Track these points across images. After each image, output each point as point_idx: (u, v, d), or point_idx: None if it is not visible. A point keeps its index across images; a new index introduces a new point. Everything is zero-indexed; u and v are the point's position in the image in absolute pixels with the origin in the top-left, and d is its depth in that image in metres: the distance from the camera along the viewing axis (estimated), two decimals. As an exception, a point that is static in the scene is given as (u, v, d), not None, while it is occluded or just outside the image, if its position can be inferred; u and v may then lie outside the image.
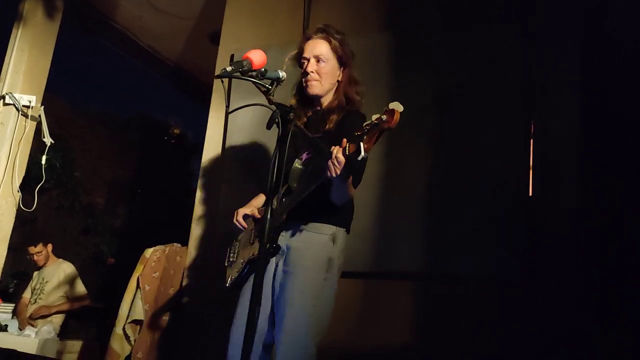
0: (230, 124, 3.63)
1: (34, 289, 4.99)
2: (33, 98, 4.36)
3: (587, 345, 2.37)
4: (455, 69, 2.98)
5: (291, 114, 1.70)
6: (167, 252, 3.79)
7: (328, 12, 3.57)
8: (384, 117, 1.54)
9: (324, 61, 2.15)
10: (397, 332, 2.80)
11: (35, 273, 5.11)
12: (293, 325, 1.94)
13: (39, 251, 4.97)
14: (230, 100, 3.56)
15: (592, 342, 2.36)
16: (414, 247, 2.85)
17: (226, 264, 2.24)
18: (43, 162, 4.45)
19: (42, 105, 4.47)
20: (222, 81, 1.79)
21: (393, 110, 1.53)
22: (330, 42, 2.17)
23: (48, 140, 4.40)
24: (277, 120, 1.70)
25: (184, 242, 3.72)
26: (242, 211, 2.19)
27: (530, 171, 2.75)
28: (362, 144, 1.58)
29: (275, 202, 1.68)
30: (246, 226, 2.18)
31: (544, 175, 2.71)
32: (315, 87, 2.15)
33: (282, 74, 1.82)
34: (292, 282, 1.99)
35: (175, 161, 7.97)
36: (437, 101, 2.88)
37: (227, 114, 3.62)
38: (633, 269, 2.38)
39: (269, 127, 1.72)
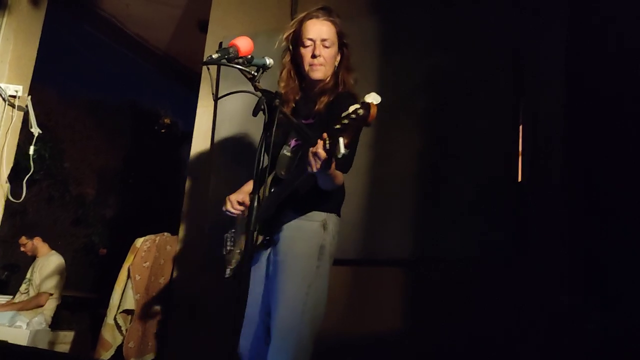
0: (219, 112, 3.61)
1: (27, 280, 5.00)
2: (20, 88, 4.30)
3: (573, 325, 2.40)
4: (444, 53, 2.97)
5: (277, 101, 1.69)
6: (157, 241, 3.78)
7: (316, -1, 3.54)
8: (361, 111, 1.47)
9: (328, 46, 2.06)
10: (386, 318, 2.82)
11: (33, 263, 5.14)
12: (286, 314, 1.91)
13: (24, 243, 5.00)
14: (219, 89, 3.55)
15: (578, 323, 2.39)
16: (403, 232, 2.86)
17: (224, 253, 2.17)
18: (31, 152, 4.41)
19: (29, 95, 4.42)
20: (209, 68, 1.78)
21: (369, 104, 1.46)
22: (335, 26, 2.09)
23: (36, 130, 4.36)
24: (263, 107, 1.68)
25: (174, 232, 3.72)
26: (234, 197, 2.11)
27: (520, 156, 2.76)
28: (341, 139, 1.52)
29: (262, 191, 1.68)
30: (238, 212, 2.11)
31: (533, 160, 2.72)
32: (321, 71, 2.06)
33: (268, 61, 1.81)
34: (283, 271, 1.96)
35: (165, 150, 7.93)
36: (425, 85, 2.86)
37: (215, 101, 3.60)
38: (617, 251, 2.40)
39: (254, 114, 1.71)
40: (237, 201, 2.10)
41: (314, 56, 2.04)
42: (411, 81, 2.97)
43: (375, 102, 1.46)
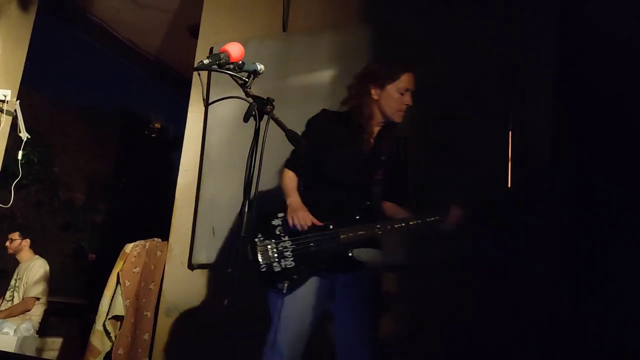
0: (210, 117, 3.60)
1: (12, 287, 4.94)
2: (8, 92, 4.28)
3: (565, 328, 2.41)
4: (433, 60, 2.98)
5: (268, 107, 1.70)
6: (147, 247, 3.77)
7: (307, 5, 3.56)
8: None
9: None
10: (385, 322, 2.81)
11: (16, 269, 5.07)
12: None
13: (14, 239, 4.94)
14: (210, 94, 3.55)
15: (570, 326, 2.41)
16: (394, 239, 2.86)
17: (268, 268, 2.11)
18: (19, 157, 4.38)
19: (18, 99, 4.39)
20: (200, 74, 1.78)
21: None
22: None
23: (24, 135, 4.33)
24: (254, 112, 1.69)
25: (165, 237, 3.70)
26: (308, 216, 2.10)
27: (509, 163, 2.77)
28: None
29: (252, 194, 1.67)
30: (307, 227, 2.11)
31: (523, 167, 2.73)
32: (402, 118, 2.27)
33: (259, 67, 1.81)
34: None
35: (156, 155, 7.90)
36: (415, 93, 2.89)
37: (206, 106, 3.59)
38: (609, 255, 2.42)
39: (245, 119, 1.71)
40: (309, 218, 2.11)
41: (407, 105, 2.24)
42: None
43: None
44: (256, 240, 2.15)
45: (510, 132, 2.79)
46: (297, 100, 3.24)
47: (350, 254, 2.10)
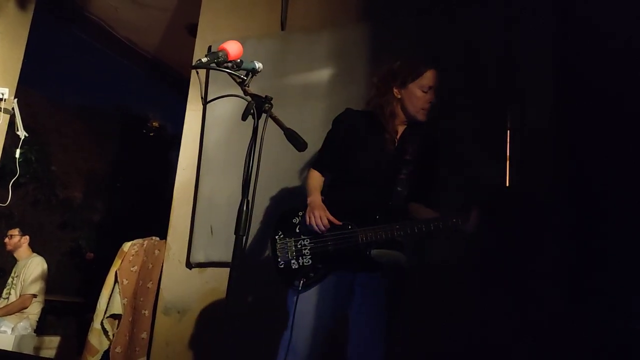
0: (208, 116, 3.60)
1: (9, 284, 4.93)
2: (6, 91, 4.28)
3: (559, 325, 2.42)
4: (432, 58, 2.97)
5: (267, 105, 1.69)
6: (145, 245, 3.76)
7: (306, 4, 3.56)
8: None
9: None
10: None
11: (14, 267, 5.07)
12: None
13: (13, 234, 4.94)
14: (208, 92, 3.54)
15: (564, 323, 2.41)
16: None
17: (285, 265, 2.16)
18: (17, 155, 4.38)
19: (15, 98, 4.38)
20: (198, 72, 1.78)
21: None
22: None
23: (22, 133, 4.33)
24: (252, 111, 1.69)
25: (163, 236, 3.70)
26: (324, 215, 2.11)
27: (507, 161, 2.77)
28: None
29: (250, 193, 1.68)
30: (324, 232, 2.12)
31: (521, 165, 2.74)
32: (426, 116, 2.23)
33: (258, 65, 1.81)
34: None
35: (154, 154, 7.89)
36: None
37: (204, 105, 3.59)
38: (607, 254, 2.43)
39: (244, 118, 1.70)
40: (327, 218, 2.12)
41: (429, 102, 2.20)
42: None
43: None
44: (276, 237, 2.20)
45: (509, 132, 2.79)
46: (295, 99, 3.25)
47: (368, 253, 2.09)
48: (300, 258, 2.13)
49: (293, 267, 2.13)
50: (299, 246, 2.15)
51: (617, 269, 2.43)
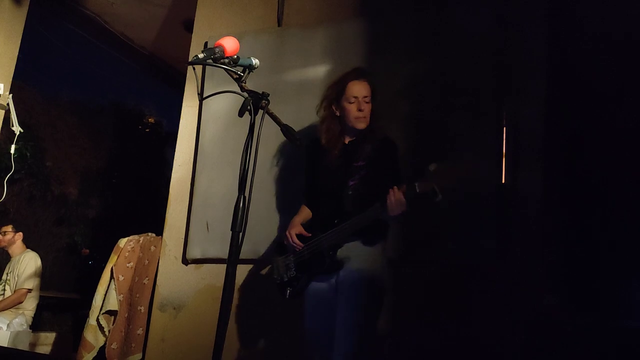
0: (204, 112, 3.59)
1: (3, 281, 4.91)
2: (1, 86, 4.26)
3: (554, 325, 2.43)
4: (427, 56, 2.99)
5: (263, 101, 1.69)
6: (141, 242, 3.76)
7: (302, 0, 3.55)
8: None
9: (368, 101, 2.43)
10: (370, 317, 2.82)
11: (8, 264, 5.04)
12: None
13: (6, 231, 4.91)
14: (204, 88, 3.54)
15: (559, 323, 2.42)
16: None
17: (280, 280, 2.49)
18: (12, 151, 4.36)
19: (10, 93, 4.36)
20: (194, 68, 1.78)
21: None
22: (370, 84, 2.44)
23: (17, 128, 4.31)
24: (249, 107, 1.69)
25: (159, 232, 3.69)
26: (294, 232, 2.43)
27: (503, 158, 2.78)
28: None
29: (247, 189, 1.68)
30: (301, 246, 2.41)
31: (516, 163, 2.74)
32: (364, 123, 2.42)
33: (254, 61, 1.81)
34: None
35: (150, 150, 7.87)
36: (409, 89, 2.89)
37: (200, 101, 3.58)
38: (597, 253, 2.44)
39: (240, 114, 1.71)
40: (296, 235, 2.42)
41: (360, 111, 2.40)
42: (395, 84, 2.98)
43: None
44: (275, 259, 2.57)
45: (504, 129, 2.79)
46: (292, 95, 3.24)
47: (331, 254, 2.29)
48: (288, 272, 2.47)
49: (284, 280, 2.47)
50: (287, 262, 2.48)
51: (610, 267, 2.44)
